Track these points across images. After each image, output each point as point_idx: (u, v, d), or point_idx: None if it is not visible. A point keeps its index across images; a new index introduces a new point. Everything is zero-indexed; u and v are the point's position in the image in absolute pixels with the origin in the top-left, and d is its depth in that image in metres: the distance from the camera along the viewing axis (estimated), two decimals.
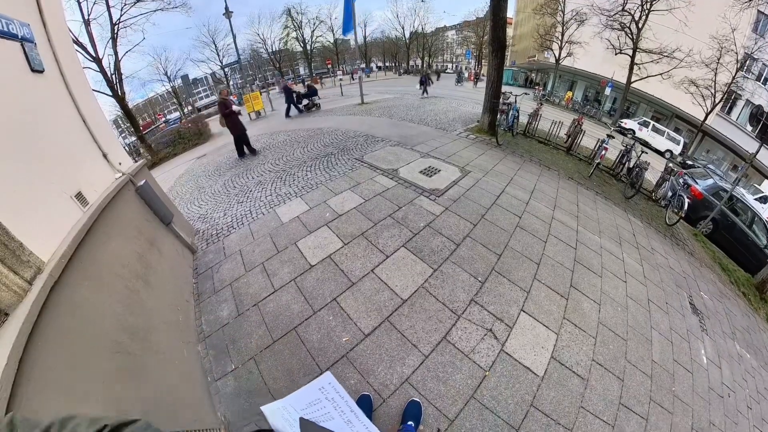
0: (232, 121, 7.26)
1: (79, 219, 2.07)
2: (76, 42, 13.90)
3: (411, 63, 48.64)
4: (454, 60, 53.11)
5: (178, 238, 3.68)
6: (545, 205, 4.80)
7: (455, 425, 2.04)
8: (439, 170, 5.33)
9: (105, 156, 2.78)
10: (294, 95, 12.47)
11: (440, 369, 2.33)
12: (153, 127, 36.41)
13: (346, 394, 0.51)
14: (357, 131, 8.05)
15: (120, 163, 3.01)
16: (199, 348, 2.63)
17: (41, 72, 2.21)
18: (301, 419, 0.50)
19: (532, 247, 3.73)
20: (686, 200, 6.13)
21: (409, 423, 1.95)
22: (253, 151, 7.62)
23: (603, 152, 7.13)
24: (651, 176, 8.21)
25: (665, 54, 20.47)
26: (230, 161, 7.65)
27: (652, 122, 19.28)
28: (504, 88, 8.89)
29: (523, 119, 9.40)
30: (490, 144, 7.31)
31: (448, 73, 46.68)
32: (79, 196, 2.18)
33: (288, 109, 12.42)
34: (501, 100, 8.41)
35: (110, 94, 15.60)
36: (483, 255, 3.43)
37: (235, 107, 7.54)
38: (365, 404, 2.11)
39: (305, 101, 12.96)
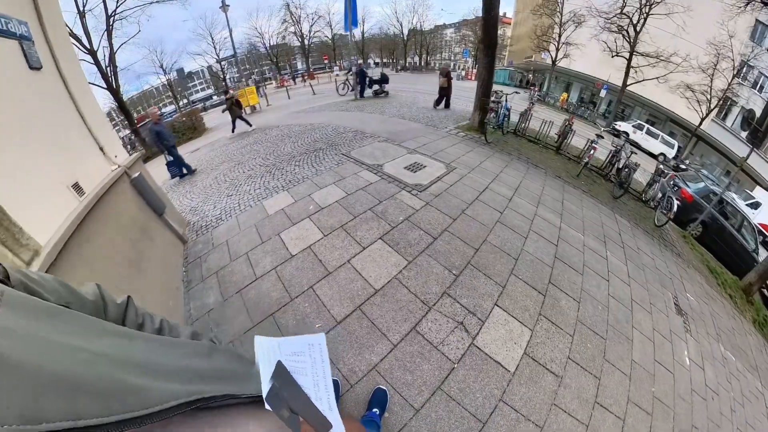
0: (450, 85, 10.99)
1: (75, 207, 2.26)
2: (71, 34, 13.90)
3: (409, 60, 48.63)
4: (452, 58, 52.93)
5: (169, 228, 3.89)
6: (529, 201, 4.88)
7: (421, 414, 2.09)
8: (425, 166, 5.44)
9: (101, 149, 2.99)
10: (367, 79, 13.45)
11: (408, 359, 2.38)
12: (147, 120, 36.16)
13: (328, 362, 0.53)
14: (347, 127, 8.15)
15: (116, 156, 3.22)
16: None
17: (39, 69, 2.39)
18: (279, 363, 0.54)
19: (512, 243, 3.78)
20: (675, 202, 6.21)
21: (374, 410, 2.00)
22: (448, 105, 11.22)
23: (592, 152, 7.22)
24: (642, 178, 8.31)
25: (662, 58, 20.63)
26: (224, 155, 7.83)
27: (646, 125, 19.46)
28: (499, 88, 8.99)
29: (515, 118, 9.45)
30: (478, 141, 7.41)
31: None
32: (76, 186, 2.38)
33: (362, 90, 13.48)
34: (492, 98, 8.47)
35: (105, 86, 15.58)
36: (460, 249, 3.51)
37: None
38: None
39: (375, 87, 13.66)
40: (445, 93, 11.12)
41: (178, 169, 7.15)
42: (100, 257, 2.35)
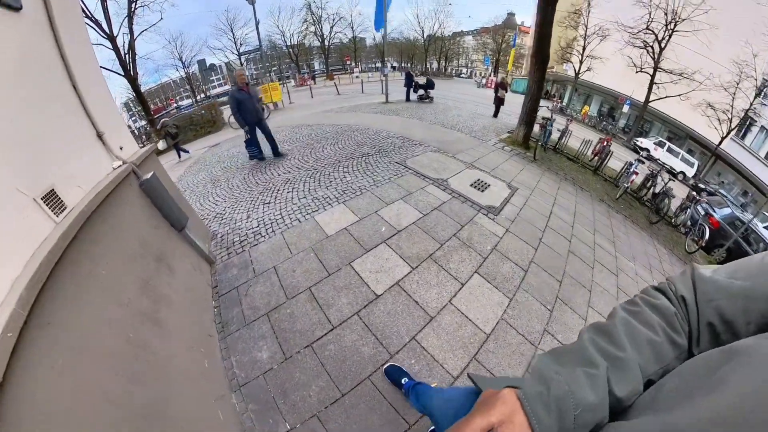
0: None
1: (46, 237, 1.24)
2: (91, 18, 13.02)
3: (427, 65, 47.27)
4: (470, 65, 51.57)
5: (192, 246, 2.85)
6: (587, 228, 4.59)
7: None
8: (489, 185, 4.81)
9: (100, 136, 1.92)
10: (413, 83, 12.70)
11: None
12: (164, 112, 35.21)
13: None
14: (389, 131, 7.33)
15: (121, 148, 2.16)
16: (234, 400, 1.93)
17: (17, 10, 1.41)
18: None
19: (584, 274, 3.52)
20: (707, 230, 6.20)
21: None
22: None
23: (633, 177, 6.91)
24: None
25: (685, 75, 19.64)
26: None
27: (667, 143, 18.53)
28: (521, 98, 8.56)
29: (553, 135, 9.00)
30: (526, 158, 6.86)
31: (462, 77, 45.31)
32: (51, 198, 1.35)
33: (408, 94, 12.86)
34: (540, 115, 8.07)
35: (122, 73, 14.71)
36: (547, 282, 3.15)
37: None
38: (395, 372, 2.00)
39: (420, 91, 12.80)
40: (500, 103, 11.48)
41: (258, 150, 5.99)
42: (93, 327, 1.32)
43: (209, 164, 6.91)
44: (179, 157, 9.14)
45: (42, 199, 1.28)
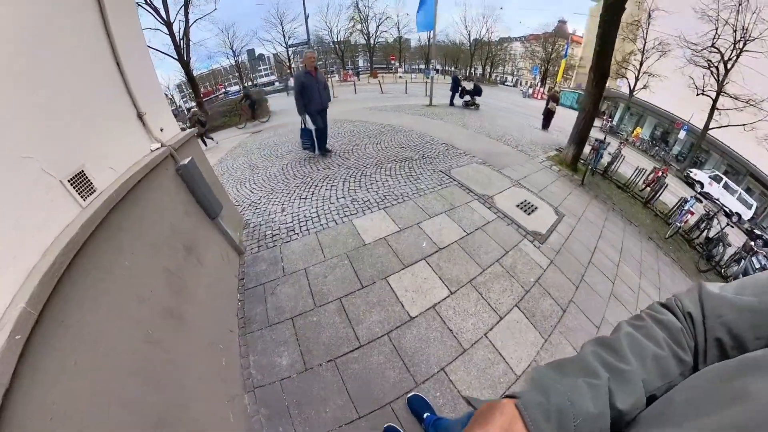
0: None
1: (68, 224, 1.10)
2: (149, 4, 13.70)
3: (472, 70, 46.04)
4: (516, 73, 49.88)
5: (224, 235, 2.76)
6: (632, 269, 4.18)
7: None
8: (536, 207, 4.44)
9: (141, 117, 1.82)
10: (459, 88, 12.35)
11: None
12: (212, 96, 36.80)
13: None
14: (433, 137, 7.04)
15: (162, 130, 2.06)
16: (246, 401, 1.84)
17: None
18: None
19: None
20: None
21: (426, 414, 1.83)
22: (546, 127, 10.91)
23: (687, 216, 6.22)
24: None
25: (752, 103, 17.55)
26: (290, 143, 6.78)
27: (725, 178, 16.61)
28: (567, 112, 7.91)
29: (603, 159, 8.32)
30: (574, 181, 6.37)
31: (507, 85, 43.95)
32: (79, 180, 1.22)
33: (452, 98, 12.54)
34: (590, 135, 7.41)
35: (176, 58, 15.40)
36: (584, 326, 2.86)
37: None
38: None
39: (466, 97, 12.31)
40: (551, 116, 11.00)
41: (311, 142, 5.64)
42: (112, 319, 1.21)
43: (249, 150, 6.98)
44: (205, 145, 9.28)
45: (69, 181, 1.16)
